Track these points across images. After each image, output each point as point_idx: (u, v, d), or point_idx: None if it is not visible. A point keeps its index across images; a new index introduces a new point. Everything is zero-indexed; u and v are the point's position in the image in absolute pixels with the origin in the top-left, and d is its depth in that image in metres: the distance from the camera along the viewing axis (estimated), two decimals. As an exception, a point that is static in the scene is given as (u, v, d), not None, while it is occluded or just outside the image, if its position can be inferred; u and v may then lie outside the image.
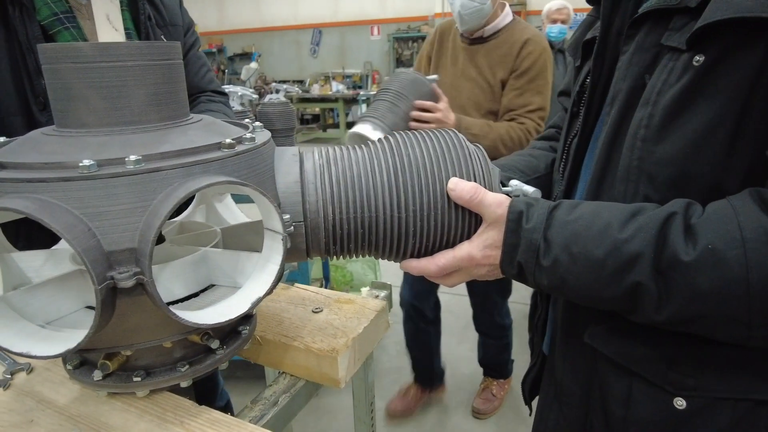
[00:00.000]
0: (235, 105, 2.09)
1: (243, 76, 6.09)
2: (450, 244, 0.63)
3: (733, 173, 0.54)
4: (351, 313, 0.80)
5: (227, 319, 0.53)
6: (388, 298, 0.89)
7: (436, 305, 2.08)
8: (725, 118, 0.52)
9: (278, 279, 0.58)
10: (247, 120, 0.69)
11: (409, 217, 0.61)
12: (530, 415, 0.94)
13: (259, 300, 0.55)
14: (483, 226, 0.62)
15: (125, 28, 1.07)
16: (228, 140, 0.54)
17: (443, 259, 0.62)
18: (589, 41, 0.74)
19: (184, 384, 0.60)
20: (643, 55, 0.60)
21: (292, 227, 0.59)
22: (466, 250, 0.61)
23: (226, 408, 1.40)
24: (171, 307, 0.49)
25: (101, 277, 0.45)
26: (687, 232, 0.50)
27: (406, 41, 9.99)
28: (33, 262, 0.63)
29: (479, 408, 2.13)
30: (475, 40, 1.74)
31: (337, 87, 9.25)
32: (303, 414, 1.08)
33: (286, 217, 0.58)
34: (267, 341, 0.73)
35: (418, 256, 0.65)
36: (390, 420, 2.11)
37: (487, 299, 2.03)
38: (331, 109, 10.06)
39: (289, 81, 11.22)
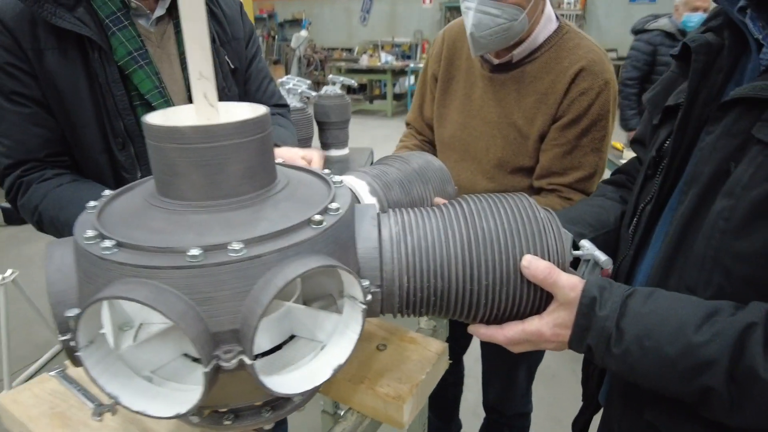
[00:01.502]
0: (294, 102, 2.12)
1: (293, 44, 6.13)
2: (519, 316, 0.65)
3: None
4: (414, 354, 0.83)
5: (314, 386, 0.57)
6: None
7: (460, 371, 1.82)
8: None
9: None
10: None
11: (482, 289, 0.62)
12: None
13: (341, 367, 0.59)
14: (554, 305, 0.62)
15: None
16: (317, 216, 0.56)
17: (512, 331, 0.64)
18: (671, 108, 0.71)
19: (267, 427, 0.66)
20: (730, 141, 0.59)
21: (370, 295, 0.62)
22: (536, 326, 0.63)
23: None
24: (258, 361, 0.53)
25: (208, 358, 0.49)
26: (767, 347, 0.50)
27: (458, 10, 9.68)
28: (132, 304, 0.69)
29: None
30: (501, 66, 1.18)
31: (385, 57, 9.12)
32: None
33: (366, 283, 0.61)
34: (337, 380, 0.78)
35: (487, 322, 0.67)
36: None
37: (513, 383, 1.56)
38: (379, 80, 9.97)
39: (337, 48, 11.16)
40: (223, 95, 1.17)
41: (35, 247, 3.94)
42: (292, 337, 0.68)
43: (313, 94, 2.19)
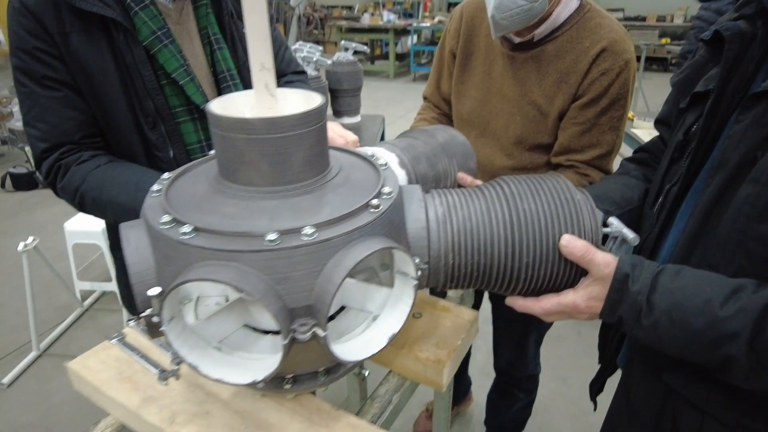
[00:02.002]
0: (310, 70, 2.12)
1: (292, 3, 5.97)
2: (554, 289, 0.70)
3: None
4: (447, 321, 0.89)
5: (373, 353, 0.63)
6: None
7: None
8: None
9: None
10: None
11: (522, 266, 0.68)
12: (594, 410, 1.04)
13: (395, 336, 0.65)
14: (589, 280, 0.68)
15: (213, 33, 1.11)
16: (374, 201, 0.61)
17: (549, 303, 0.69)
18: (699, 94, 0.74)
19: (321, 389, 0.73)
20: (759, 131, 0.62)
21: (420, 271, 0.67)
22: (571, 298, 0.68)
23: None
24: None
25: (287, 331, 0.55)
26: None
27: (462, -35, 9.37)
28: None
29: None
30: (522, 44, 1.19)
31: (387, 16, 8.90)
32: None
33: (416, 261, 0.66)
34: (379, 346, 0.84)
35: (524, 295, 0.72)
36: None
37: (523, 349, 1.62)
38: (380, 40, 9.76)
39: (337, 6, 10.85)
40: (244, 69, 1.18)
41: (46, 213, 3.99)
42: (341, 309, 0.74)
43: (328, 62, 2.19)
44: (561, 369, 2.42)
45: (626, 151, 3.46)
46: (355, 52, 2.34)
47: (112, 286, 2.65)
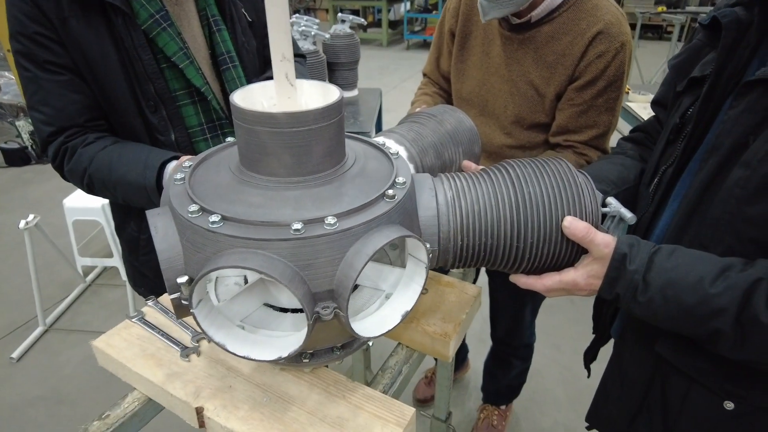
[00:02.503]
0: (308, 45, 2.11)
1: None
2: (556, 267, 0.75)
3: None
4: (452, 296, 0.95)
5: (388, 329, 0.68)
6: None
7: None
8: None
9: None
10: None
11: (527, 246, 0.72)
12: (588, 377, 1.11)
13: (408, 314, 0.70)
14: (589, 259, 0.73)
15: (212, 15, 1.11)
16: (390, 191, 0.65)
17: (550, 281, 0.74)
18: (697, 79, 0.77)
19: (337, 362, 0.78)
20: (752, 117, 0.66)
21: (431, 254, 0.71)
22: (572, 276, 0.73)
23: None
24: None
25: (311, 312, 0.59)
26: None
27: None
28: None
29: None
30: (519, 26, 1.20)
31: (380, -18, 8.69)
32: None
33: (427, 245, 0.70)
34: (389, 321, 0.89)
35: (527, 273, 0.77)
36: (419, 405, 2.14)
37: (519, 320, 1.71)
38: (372, 7, 9.56)
39: (327, -28, 10.52)
40: (243, 50, 1.18)
41: (41, 189, 3.98)
42: (355, 287, 0.79)
43: (326, 36, 2.17)
44: (555, 336, 2.51)
45: (622, 125, 3.48)
46: (352, 27, 2.33)
47: (113, 262, 2.69)
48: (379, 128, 2.80)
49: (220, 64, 1.14)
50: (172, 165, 0.98)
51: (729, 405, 0.74)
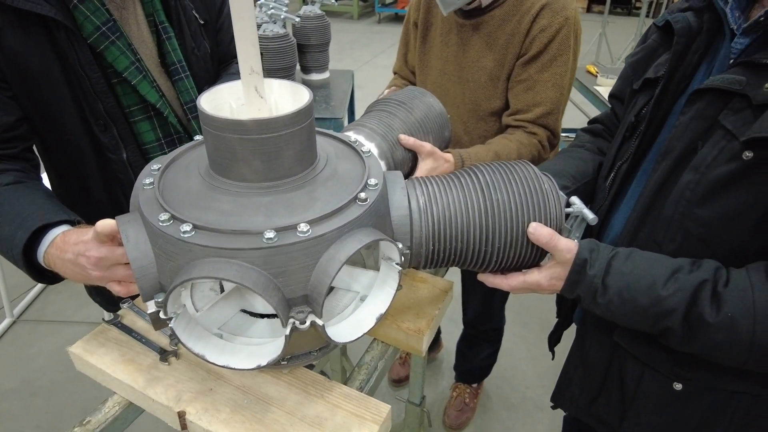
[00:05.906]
0: (277, 28, 2.05)
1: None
2: (520, 267, 0.78)
3: (755, 243, 0.67)
4: (425, 292, 0.97)
5: (362, 333, 0.69)
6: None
7: None
8: (759, 204, 0.64)
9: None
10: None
11: (494, 250, 0.74)
12: (552, 359, 1.16)
13: (382, 316, 0.72)
14: (552, 262, 0.75)
15: (160, 22, 1.02)
16: (362, 194, 0.65)
17: (515, 281, 0.77)
18: (650, 80, 0.80)
19: (314, 363, 0.79)
20: (700, 123, 0.70)
21: (403, 257, 0.73)
22: (536, 278, 0.76)
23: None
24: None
25: (286, 319, 0.60)
26: (713, 299, 0.65)
27: None
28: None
29: (453, 423, 1.99)
30: (472, 12, 1.23)
31: (350, -45, 8.47)
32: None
33: (400, 246, 0.71)
34: (364, 317, 0.91)
35: (494, 272, 0.80)
36: (395, 385, 2.19)
37: (489, 305, 1.79)
38: (344, -20, 9.32)
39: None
40: (193, 57, 1.10)
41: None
42: (330, 290, 0.80)
43: (296, 18, 2.12)
44: (523, 315, 2.59)
45: (591, 110, 3.50)
46: (322, 7, 2.28)
47: (82, 250, 2.62)
48: (351, 110, 2.77)
49: (172, 74, 1.07)
50: (57, 231, 0.82)
51: (678, 386, 0.80)
